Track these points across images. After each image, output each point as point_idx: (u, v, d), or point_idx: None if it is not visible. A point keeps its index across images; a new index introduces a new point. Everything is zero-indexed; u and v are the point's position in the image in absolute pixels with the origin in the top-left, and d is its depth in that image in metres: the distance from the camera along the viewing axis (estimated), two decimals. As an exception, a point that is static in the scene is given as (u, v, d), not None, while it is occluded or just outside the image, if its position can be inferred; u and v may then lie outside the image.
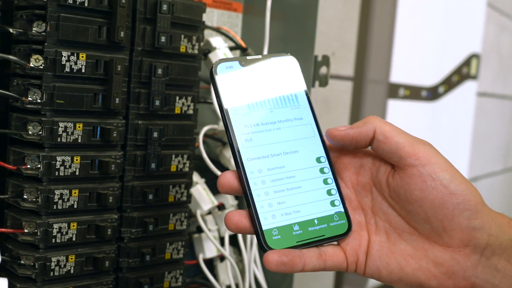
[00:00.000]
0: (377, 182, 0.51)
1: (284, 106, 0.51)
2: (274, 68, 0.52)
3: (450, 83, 1.43)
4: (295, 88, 0.52)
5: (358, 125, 0.50)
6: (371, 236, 0.51)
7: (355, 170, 0.52)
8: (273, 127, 0.50)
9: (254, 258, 0.82)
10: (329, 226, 0.50)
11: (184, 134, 0.70)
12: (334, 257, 0.49)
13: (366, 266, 0.50)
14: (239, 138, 0.48)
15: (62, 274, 0.62)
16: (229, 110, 0.49)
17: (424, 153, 0.48)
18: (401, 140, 0.48)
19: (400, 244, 0.49)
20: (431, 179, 0.47)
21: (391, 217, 0.50)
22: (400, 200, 0.49)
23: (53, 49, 0.59)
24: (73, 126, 0.61)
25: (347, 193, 0.52)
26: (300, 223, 0.49)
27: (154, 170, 0.67)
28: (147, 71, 0.66)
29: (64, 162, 0.61)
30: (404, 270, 0.48)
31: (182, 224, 0.71)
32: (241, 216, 0.48)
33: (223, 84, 0.49)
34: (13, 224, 0.62)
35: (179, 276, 0.72)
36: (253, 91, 0.50)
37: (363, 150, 0.53)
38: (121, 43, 0.63)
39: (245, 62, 0.51)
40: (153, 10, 0.65)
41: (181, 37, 0.68)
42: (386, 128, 0.49)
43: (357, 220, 0.51)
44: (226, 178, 0.49)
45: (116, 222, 0.65)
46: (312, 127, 0.52)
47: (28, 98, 0.60)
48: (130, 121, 0.66)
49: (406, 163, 0.48)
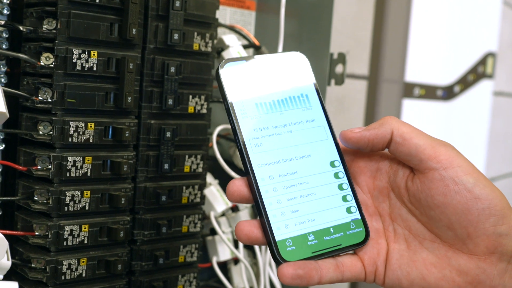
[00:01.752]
0: (395, 187, 0.49)
1: (295, 107, 0.49)
2: (283, 67, 0.50)
3: (465, 82, 1.41)
4: (306, 88, 0.50)
5: (374, 126, 0.48)
6: (390, 244, 0.48)
7: (371, 174, 0.50)
8: (284, 130, 0.48)
9: (269, 261, 0.81)
10: (346, 234, 0.47)
11: (197, 134, 0.69)
12: (352, 267, 0.47)
13: (386, 276, 0.47)
14: (249, 143, 0.46)
15: (73, 278, 0.60)
16: (237, 113, 0.46)
17: (445, 156, 0.45)
18: (421, 142, 0.46)
19: (421, 252, 0.47)
20: (454, 183, 0.45)
21: (411, 224, 0.48)
22: (420, 205, 0.47)
23: (64, 47, 0.58)
24: (84, 125, 0.60)
25: (363, 198, 0.50)
26: (315, 233, 0.46)
27: (167, 170, 0.66)
28: (160, 69, 0.64)
29: (75, 162, 0.59)
30: (426, 280, 0.46)
31: (196, 226, 0.70)
32: (253, 226, 0.46)
33: (230, 85, 0.47)
34: (24, 226, 0.61)
35: (192, 280, 0.70)
36: (262, 93, 0.48)
37: (379, 152, 0.50)
38: (133, 40, 0.62)
39: (252, 61, 0.48)
40: (165, 7, 0.64)
41: (194, 35, 0.67)
42: (405, 130, 0.47)
43: (374, 227, 0.49)
44: (236, 186, 0.46)
45: (129, 224, 0.64)
46: (325, 129, 0.49)
47: (39, 98, 0.59)
48: (142, 120, 0.64)
49: (427, 166, 0.46)
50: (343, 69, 0.82)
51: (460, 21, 1.37)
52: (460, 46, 1.38)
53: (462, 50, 1.40)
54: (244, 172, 0.46)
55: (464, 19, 1.38)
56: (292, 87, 0.49)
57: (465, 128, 1.45)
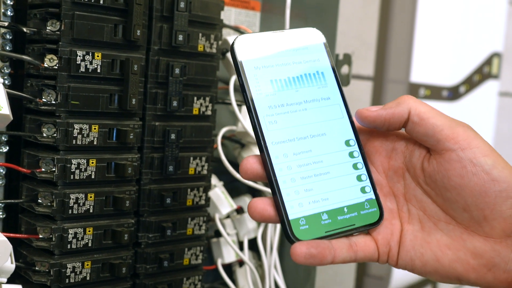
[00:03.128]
0: (411, 167, 0.48)
1: (311, 85, 0.48)
2: (298, 43, 0.48)
3: (471, 82, 1.40)
4: (322, 65, 0.49)
5: (391, 105, 0.47)
6: (404, 225, 0.48)
7: (386, 154, 0.49)
8: (299, 108, 0.47)
9: (274, 263, 0.80)
10: (360, 214, 0.47)
11: (202, 135, 0.68)
12: (365, 247, 0.46)
13: (399, 257, 0.47)
14: (263, 121, 0.45)
15: (78, 281, 0.60)
16: (251, 89, 0.45)
17: (464, 136, 0.45)
18: (439, 122, 0.45)
19: (435, 234, 0.47)
20: (472, 164, 0.44)
21: (426, 205, 0.47)
22: (436, 186, 0.46)
23: (67, 48, 0.57)
24: (88, 128, 0.59)
25: (378, 178, 0.49)
26: (329, 212, 0.46)
27: (172, 173, 0.65)
28: (164, 71, 0.64)
29: (79, 165, 0.59)
30: (440, 262, 0.46)
31: (201, 229, 0.69)
32: (266, 204, 0.45)
33: (245, 61, 0.46)
34: (28, 229, 0.60)
35: (197, 282, 0.70)
36: (277, 69, 0.47)
37: (395, 132, 0.49)
38: (138, 42, 0.61)
39: (267, 37, 0.47)
40: (170, 8, 0.63)
41: (199, 36, 0.66)
42: (422, 109, 0.46)
43: (388, 207, 0.48)
44: (250, 163, 0.46)
45: (133, 226, 0.64)
46: (341, 107, 0.48)
47: (42, 99, 0.58)
48: (147, 122, 0.64)
49: (444, 147, 0.45)
50: (348, 70, 0.82)
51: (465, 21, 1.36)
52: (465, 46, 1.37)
53: (468, 50, 1.39)
54: (258, 149, 0.45)
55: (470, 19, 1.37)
56: (308, 64, 0.48)
57: (471, 129, 1.43)
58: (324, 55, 0.49)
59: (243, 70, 0.46)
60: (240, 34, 0.47)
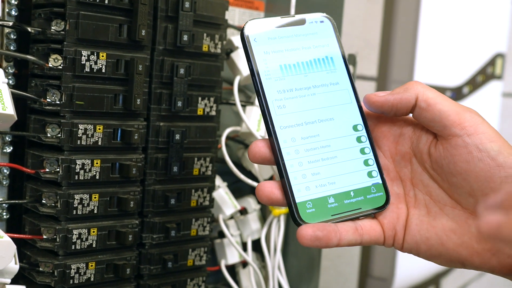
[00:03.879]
0: (418, 152, 0.48)
1: (319, 69, 0.48)
2: (308, 28, 0.49)
3: (474, 83, 1.39)
4: (331, 50, 0.49)
5: (398, 91, 0.47)
6: (410, 209, 0.48)
7: (394, 139, 0.49)
8: (308, 93, 0.47)
9: (278, 264, 0.80)
10: (366, 198, 0.47)
11: (206, 136, 0.68)
12: (371, 231, 0.47)
13: (404, 241, 0.47)
14: (272, 105, 0.46)
15: (82, 282, 0.60)
16: (261, 74, 0.46)
17: (470, 122, 0.45)
18: (446, 108, 0.45)
19: (441, 218, 0.47)
20: (478, 150, 0.44)
21: (432, 190, 0.48)
22: (442, 171, 0.46)
23: (72, 48, 0.57)
24: (93, 128, 0.59)
25: (385, 163, 0.49)
26: (335, 196, 0.46)
27: (176, 173, 0.65)
28: (169, 71, 0.64)
29: (84, 165, 0.59)
30: (445, 246, 0.46)
31: (205, 230, 0.69)
32: (273, 187, 0.46)
33: (254, 45, 0.46)
34: (32, 230, 0.60)
35: (201, 284, 0.69)
36: (287, 54, 0.47)
37: (403, 117, 0.49)
38: (142, 42, 0.61)
39: (277, 22, 0.48)
40: (175, 8, 0.63)
41: (204, 36, 0.66)
42: (430, 95, 0.46)
43: (395, 192, 0.49)
44: (258, 147, 0.46)
45: (137, 227, 0.63)
46: (349, 92, 0.48)
47: (47, 99, 0.58)
48: (151, 122, 0.64)
49: (451, 133, 0.45)
50: (353, 70, 0.82)
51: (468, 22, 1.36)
52: (469, 47, 1.37)
53: (471, 51, 1.39)
54: (267, 133, 0.46)
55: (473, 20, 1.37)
56: (317, 49, 0.48)
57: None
58: (334, 41, 0.49)
59: (252, 55, 0.46)
60: (252, 19, 0.47)
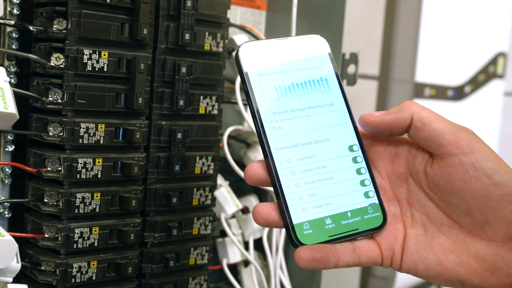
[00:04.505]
0: (414, 172, 0.48)
1: (314, 91, 0.48)
2: (302, 50, 0.49)
3: (476, 82, 1.39)
4: (325, 71, 0.49)
5: (394, 111, 0.47)
6: (407, 229, 0.48)
7: (390, 159, 0.49)
8: (303, 114, 0.47)
9: (279, 263, 0.80)
10: (363, 219, 0.47)
11: (208, 135, 0.68)
12: (369, 252, 0.47)
13: (402, 261, 0.47)
14: (267, 126, 0.46)
15: (84, 281, 0.60)
16: (256, 96, 0.46)
17: (466, 141, 0.45)
18: (441, 127, 0.45)
19: (438, 238, 0.47)
20: (474, 169, 0.44)
21: (429, 209, 0.47)
22: (439, 191, 0.46)
23: (74, 47, 0.57)
24: (95, 127, 0.59)
25: (381, 183, 0.49)
26: (332, 216, 0.46)
27: (178, 172, 0.65)
28: (171, 70, 0.64)
29: (85, 164, 0.59)
30: (443, 265, 0.46)
31: (207, 229, 0.69)
32: (270, 209, 0.45)
33: (249, 68, 0.46)
34: (33, 228, 0.60)
35: (203, 283, 0.69)
36: (281, 75, 0.47)
37: (398, 137, 0.49)
38: (144, 40, 0.61)
39: (271, 44, 0.48)
40: (176, 7, 0.63)
41: (205, 35, 0.66)
42: (425, 114, 0.46)
43: (392, 212, 0.49)
44: (254, 168, 0.46)
45: (139, 226, 0.63)
46: (344, 113, 0.49)
47: (49, 98, 0.58)
48: (153, 121, 0.64)
49: (447, 152, 0.45)
50: (355, 69, 0.82)
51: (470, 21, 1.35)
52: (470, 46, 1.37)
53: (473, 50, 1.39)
54: (263, 155, 0.46)
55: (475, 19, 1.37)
56: (311, 70, 0.49)
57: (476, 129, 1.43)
58: (328, 62, 0.49)
59: (247, 77, 0.46)
60: (246, 41, 0.48)
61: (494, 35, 1.47)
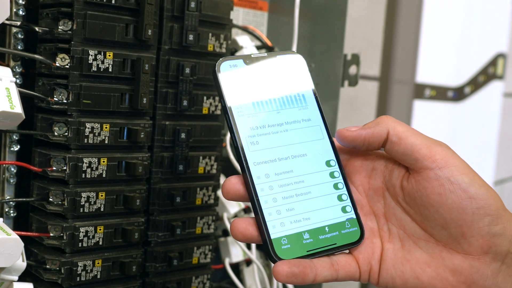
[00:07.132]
0: (391, 186, 0.48)
1: (291, 106, 0.49)
2: (280, 66, 0.49)
3: (476, 83, 1.40)
4: (302, 87, 0.50)
5: (370, 125, 0.48)
6: (384, 244, 0.48)
7: (366, 174, 0.50)
8: (280, 129, 0.48)
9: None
10: (341, 233, 0.47)
11: (211, 135, 0.68)
12: (347, 266, 0.47)
13: (380, 276, 0.47)
14: (245, 141, 0.46)
15: (88, 279, 0.60)
16: (233, 111, 0.46)
17: (441, 155, 0.45)
18: (417, 142, 0.46)
19: (415, 252, 0.47)
20: (449, 182, 0.44)
21: (405, 223, 0.48)
22: (415, 205, 0.47)
23: (79, 47, 0.58)
24: (99, 127, 0.60)
25: (358, 198, 0.50)
26: (310, 231, 0.46)
27: (182, 172, 0.66)
28: (175, 70, 0.64)
29: (90, 164, 0.59)
30: (420, 279, 0.46)
31: (210, 228, 0.70)
32: (248, 224, 0.46)
33: (226, 83, 0.47)
34: (39, 227, 0.61)
35: (206, 281, 0.70)
36: (259, 91, 0.48)
37: (375, 152, 0.50)
38: (149, 41, 0.61)
39: (249, 60, 0.48)
40: (180, 8, 0.64)
41: (209, 36, 0.66)
42: (400, 129, 0.47)
43: (369, 226, 0.49)
44: (232, 183, 0.46)
45: (143, 225, 0.64)
46: (321, 128, 0.49)
47: (54, 99, 0.58)
48: (157, 121, 0.64)
49: (422, 166, 0.45)
50: (357, 70, 0.82)
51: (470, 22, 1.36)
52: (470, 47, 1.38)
53: (473, 51, 1.39)
54: (240, 170, 0.46)
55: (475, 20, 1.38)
56: (289, 86, 0.49)
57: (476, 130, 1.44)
58: (305, 77, 0.50)
59: (225, 92, 0.47)
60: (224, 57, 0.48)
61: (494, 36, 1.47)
